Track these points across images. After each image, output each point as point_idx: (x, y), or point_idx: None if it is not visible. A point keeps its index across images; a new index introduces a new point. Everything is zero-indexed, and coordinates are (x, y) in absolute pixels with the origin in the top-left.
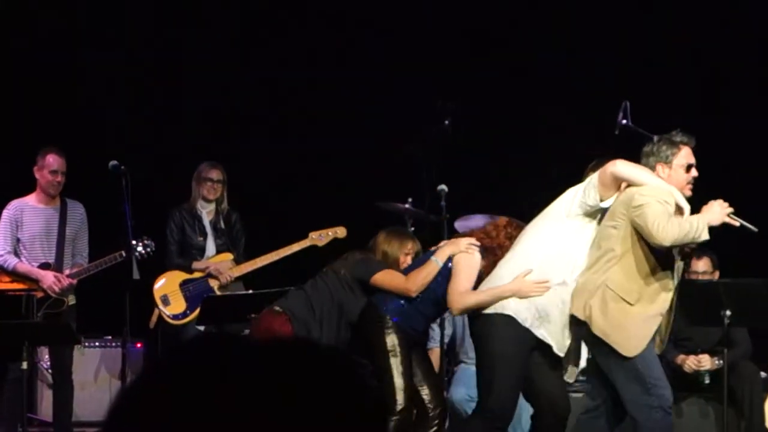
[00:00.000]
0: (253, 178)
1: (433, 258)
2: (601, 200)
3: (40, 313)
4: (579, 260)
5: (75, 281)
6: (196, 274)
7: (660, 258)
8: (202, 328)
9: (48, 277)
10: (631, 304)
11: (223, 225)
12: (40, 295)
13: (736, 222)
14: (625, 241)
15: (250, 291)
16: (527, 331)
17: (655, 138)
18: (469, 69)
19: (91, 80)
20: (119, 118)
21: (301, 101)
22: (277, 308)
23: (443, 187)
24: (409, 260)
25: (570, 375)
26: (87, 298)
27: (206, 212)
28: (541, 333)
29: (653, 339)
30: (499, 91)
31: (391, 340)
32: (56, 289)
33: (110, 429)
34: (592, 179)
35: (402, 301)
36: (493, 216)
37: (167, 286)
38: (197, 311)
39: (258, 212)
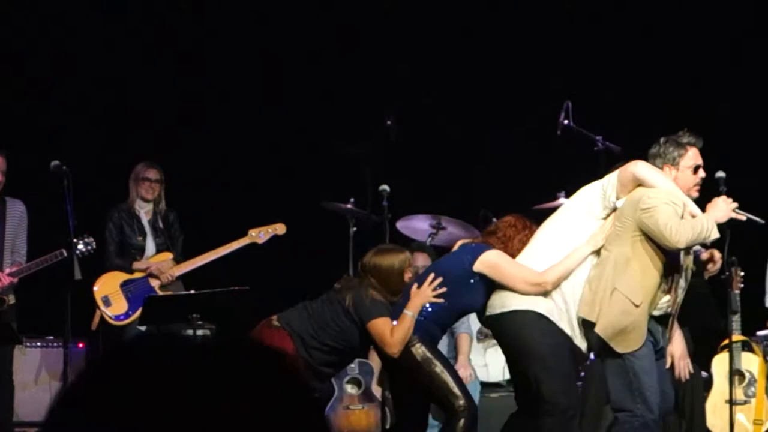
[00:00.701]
0: (191, 177)
1: (406, 311)
2: (617, 199)
3: None
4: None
5: (15, 280)
6: (137, 274)
7: (667, 260)
8: (143, 328)
9: None
10: (636, 306)
11: (161, 224)
12: None
13: (743, 216)
14: (633, 244)
15: (192, 291)
16: (557, 326)
17: (662, 140)
18: (414, 70)
19: (33, 82)
20: (59, 118)
21: (243, 99)
22: (276, 323)
23: (385, 187)
24: (408, 274)
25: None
26: (28, 298)
27: (144, 212)
28: (563, 326)
29: (651, 348)
30: (442, 93)
31: (421, 352)
32: None
33: (50, 429)
34: (611, 178)
35: (420, 318)
36: (435, 216)
37: (108, 286)
38: (139, 311)
39: (197, 210)
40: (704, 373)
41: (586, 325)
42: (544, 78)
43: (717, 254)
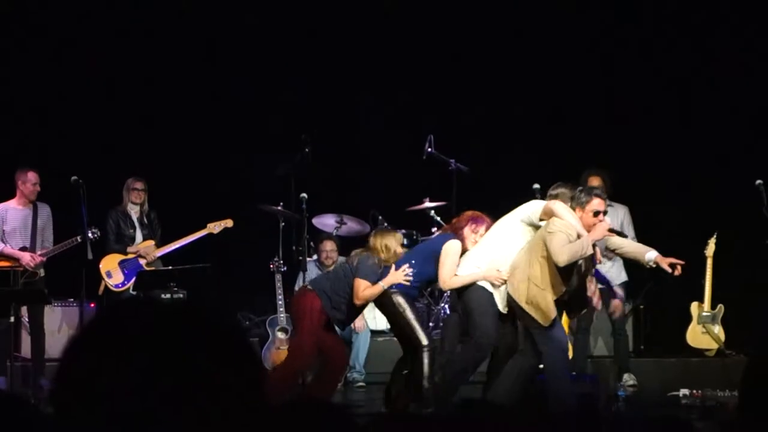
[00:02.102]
0: (167, 186)
1: (380, 282)
2: (540, 220)
3: (20, 282)
4: (516, 252)
5: (45, 259)
6: (130, 256)
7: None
8: (134, 293)
9: (26, 257)
10: (543, 290)
11: (146, 221)
12: (20, 269)
13: (613, 234)
14: (543, 250)
15: (170, 267)
16: (492, 295)
17: (579, 188)
18: (324, 108)
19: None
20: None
21: (205, 128)
22: (309, 287)
23: (304, 195)
24: (400, 249)
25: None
26: (55, 271)
27: (134, 212)
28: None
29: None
30: (341, 124)
31: (397, 300)
32: (32, 264)
33: (66, 360)
34: (537, 207)
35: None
36: (339, 215)
37: (109, 264)
38: (132, 281)
39: (171, 210)
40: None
41: (514, 300)
42: (416, 116)
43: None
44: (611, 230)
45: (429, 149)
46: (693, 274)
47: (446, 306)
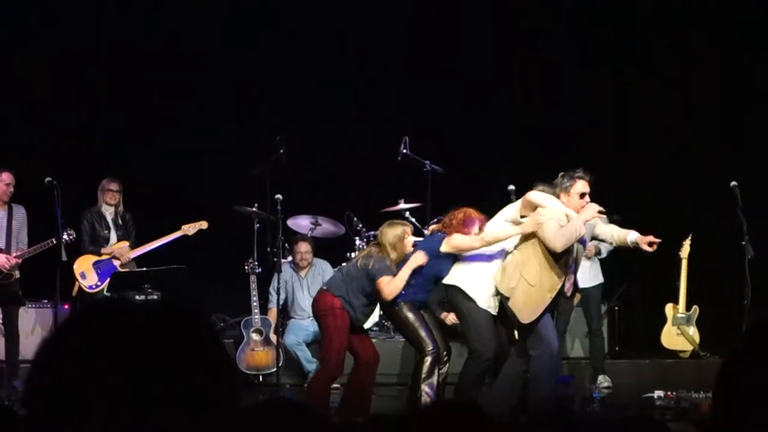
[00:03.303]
0: (142, 186)
1: (403, 268)
2: (522, 216)
3: None
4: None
5: (20, 261)
6: (104, 257)
7: (554, 255)
8: (109, 294)
9: (1, 259)
10: (532, 286)
11: (120, 222)
12: None
13: (603, 215)
14: (533, 245)
15: (144, 268)
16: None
17: (561, 174)
18: (299, 109)
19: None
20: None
21: (175, 129)
22: (325, 287)
23: (279, 196)
24: (407, 243)
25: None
26: (30, 273)
27: (108, 213)
28: (480, 300)
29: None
30: (315, 128)
31: (404, 312)
32: (7, 266)
33: (39, 361)
34: (519, 202)
35: (409, 287)
36: (314, 216)
37: (83, 265)
38: (106, 283)
39: (145, 211)
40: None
41: (505, 298)
42: (391, 117)
43: (592, 249)
44: (600, 211)
45: (404, 150)
46: (668, 275)
47: None
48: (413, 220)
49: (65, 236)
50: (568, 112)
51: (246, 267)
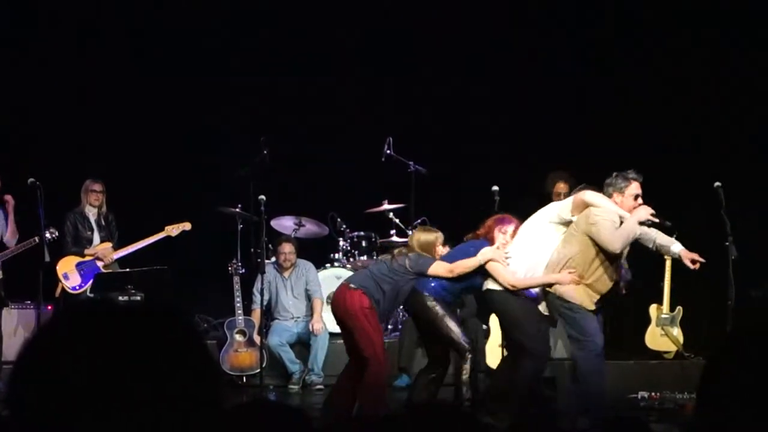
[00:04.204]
0: (126, 188)
1: (477, 256)
2: (572, 215)
3: None
4: (550, 251)
5: (1, 261)
6: (87, 258)
7: (603, 254)
8: (92, 295)
9: None
10: (579, 285)
11: (104, 223)
12: None
13: (656, 219)
14: (580, 245)
15: (128, 269)
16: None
17: (614, 173)
18: (283, 109)
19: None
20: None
21: (158, 130)
22: (352, 285)
23: (263, 196)
24: (440, 248)
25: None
26: (11, 274)
27: (92, 214)
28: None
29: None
30: (299, 129)
31: (434, 307)
32: None
33: (21, 362)
34: (567, 202)
35: (434, 284)
36: (297, 217)
37: (66, 266)
38: (90, 284)
39: (129, 212)
40: (485, 326)
41: (555, 295)
42: (375, 117)
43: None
44: (653, 215)
45: (388, 151)
46: (652, 276)
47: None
48: (397, 221)
49: (48, 234)
50: (551, 112)
51: (229, 268)
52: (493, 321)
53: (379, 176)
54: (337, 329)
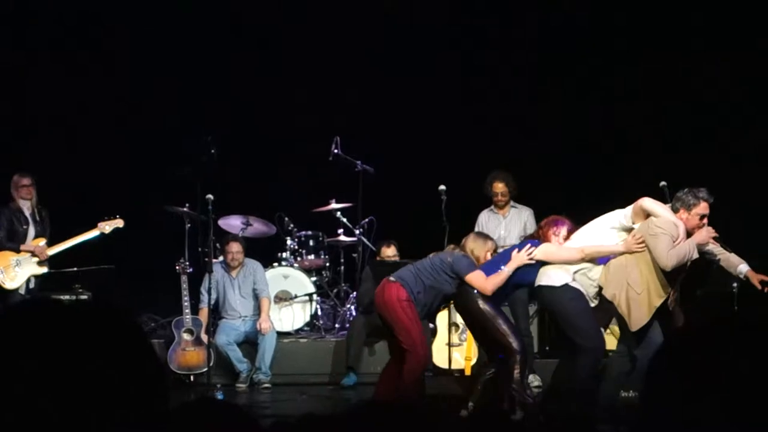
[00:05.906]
0: (60, 185)
1: (503, 267)
2: (633, 223)
3: None
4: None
5: None
6: (23, 254)
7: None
8: (23, 293)
9: None
10: (639, 294)
11: (38, 217)
12: None
13: (717, 243)
14: (643, 253)
15: (75, 268)
16: (580, 290)
17: (686, 189)
18: (230, 108)
19: None
20: None
21: (106, 126)
22: (392, 278)
23: (210, 196)
24: (489, 256)
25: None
26: None
27: (26, 208)
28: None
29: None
30: (246, 128)
31: (484, 308)
32: None
33: None
34: (629, 209)
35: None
36: (245, 216)
37: (1, 262)
38: (24, 280)
39: (63, 209)
40: (431, 324)
41: (610, 303)
42: (322, 117)
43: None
44: (715, 238)
45: (335, 150)
46: None
47: (353, 307)
48: (344, 220)
49: None
50: (500, 112)
51: (177, 267)
52: (440, 320)
53: (327, 175)
54: (284, 328)
